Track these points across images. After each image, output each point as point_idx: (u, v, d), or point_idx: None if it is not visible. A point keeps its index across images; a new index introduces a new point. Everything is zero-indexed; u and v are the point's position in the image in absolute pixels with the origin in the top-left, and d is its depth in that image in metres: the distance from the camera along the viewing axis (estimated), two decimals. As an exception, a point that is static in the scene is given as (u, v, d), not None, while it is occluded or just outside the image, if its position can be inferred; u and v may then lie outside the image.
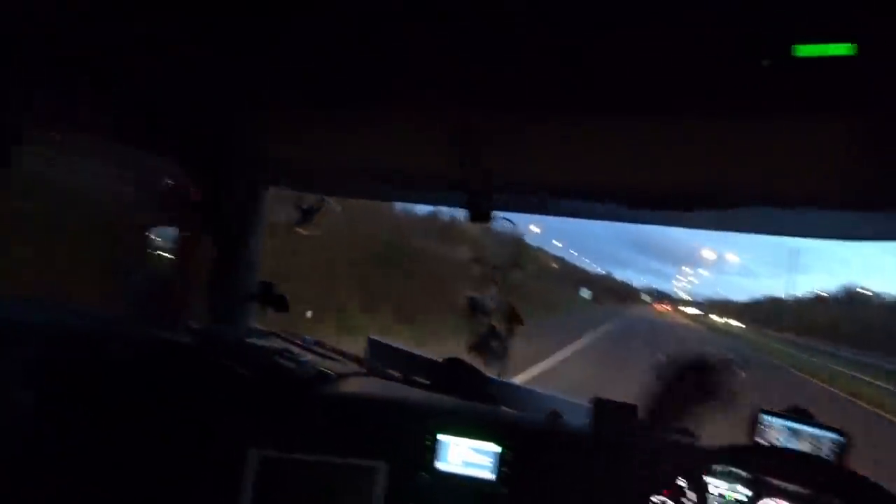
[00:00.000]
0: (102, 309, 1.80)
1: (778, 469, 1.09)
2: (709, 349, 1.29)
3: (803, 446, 1.18)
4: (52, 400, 1.21)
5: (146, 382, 1.43)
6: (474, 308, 1.54)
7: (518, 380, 1.63)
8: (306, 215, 1.95)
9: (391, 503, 1.15)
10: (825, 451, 1.16)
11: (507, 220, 1.61)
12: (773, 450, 1.19)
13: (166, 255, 1.88)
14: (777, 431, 1.22)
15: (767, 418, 1.23)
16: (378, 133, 1.28)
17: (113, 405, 1.35)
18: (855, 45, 0.61)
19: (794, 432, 1.20)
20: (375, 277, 9.29)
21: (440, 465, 1.24)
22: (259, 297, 1.78)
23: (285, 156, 1.70)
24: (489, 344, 1.55)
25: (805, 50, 0.63)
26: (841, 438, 1.16)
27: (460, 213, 1.46)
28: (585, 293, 35.64)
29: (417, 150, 1.38)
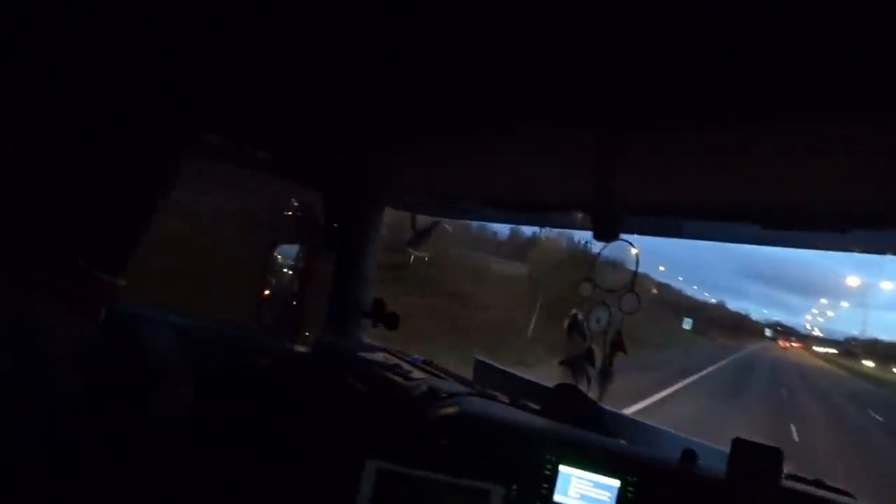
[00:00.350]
0: (235, 320, 1.97)
1: None
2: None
3: None
4: (201, 398, 1.33)
5: (273, 391, 1.53)
6: (574, 328, 1.49)
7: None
8: (420, 236, 2.02)
9: None
10: None
11: (627, 241, 1.54)
12: None
13: (291, 271, 2.03)
14: None
15: None
16: (503, 156, 1.30)
17: (246, 409, 1.46)
18: None
19: None
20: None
21: (558, 497, 1.18)
22: (372, 314, 1.86)
23: (407, 178, 1.78)
24: (582, 367, 1.48)
25: None
26: None
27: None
28: (687, 324, 31.59)
29: (545, 173, 1.37)
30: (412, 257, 2.15)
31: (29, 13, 0.65)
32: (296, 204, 2.22)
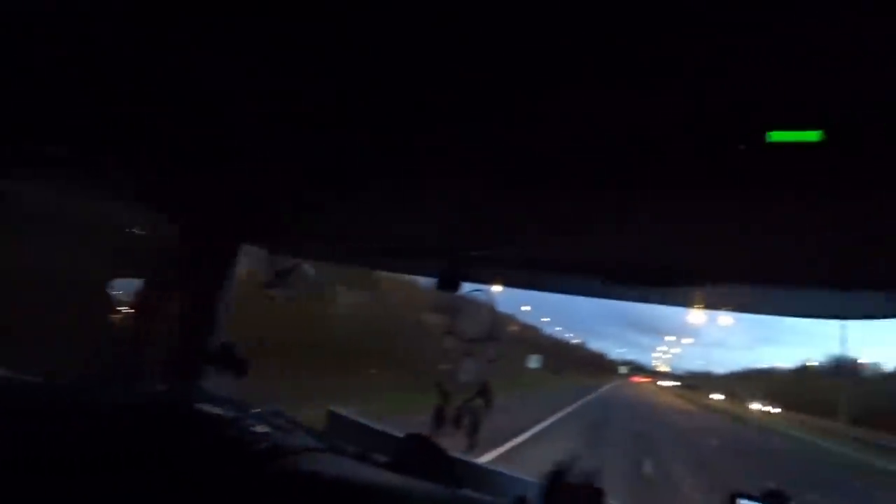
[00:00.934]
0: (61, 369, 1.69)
1: None
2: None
3: None
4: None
5: (85, 445, 1.32)
6: (446, 382, 1.50)
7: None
8: (280, 277, 1.92)
9: None
10: None
11: (481, 290, 1.60)
12: None
13: (128, 310, 1.81)
14: None
15: (744, 502, 1.22)
16: (365, 200, 1.29)
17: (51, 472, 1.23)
18: (823, 131, 0.64)
19: None
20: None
21: None
22: (218, 359, 1.71)
23: (268, 218, 1.69)
24: (462, 420, 1.49)
25: (777, 136, 0.66)
26: None
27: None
28: (535, 361, 28.43)
29: (398, 223, 1.39)
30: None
31: None
32: (142, 233, 2.01)
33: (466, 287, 1.55)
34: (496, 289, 1.64)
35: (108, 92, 0.96)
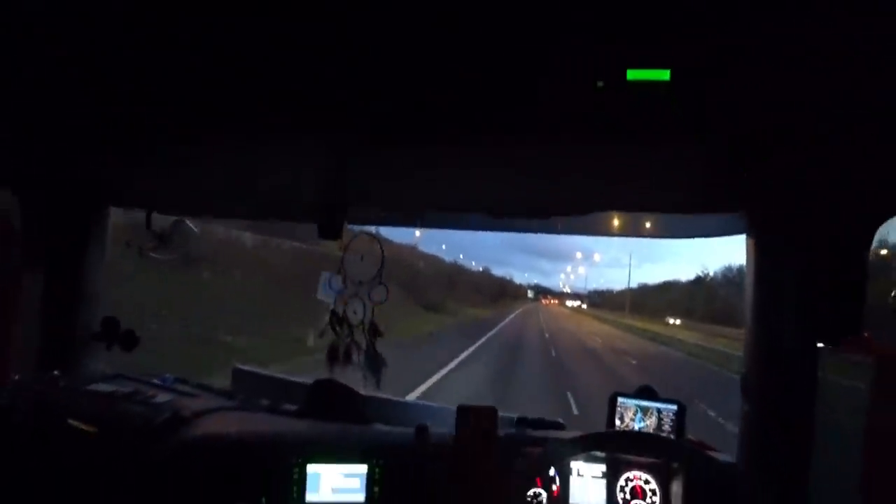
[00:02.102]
0: None
1: (629, 447, 1.25)
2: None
3: (651, 419, 1.38)
4: None
5: None
6: (335, 321, 1.52)
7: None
8: (162, 239, 1.78)
9: None
10: (668, 420, 1.37)
11: (369, 233, 1.60)
12: (620, 433, 1.34)
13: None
14: (630, 411, 1.40)
15: (622, 399, 1.42)
16: (234, 149, 1.20)
17: None
18: (670, 70, 0.71)
19: (644, 409, 1.39)
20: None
21: (310, 497, 1.21)
22: (103, 335, 1.60)
23: (128, 174, 1.53)
24: (349, 357, 1.54)
25: (634, 74, 0.73)
26: (676, 408, 1.38)
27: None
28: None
29: (274, 170, 1.32)
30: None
31: None
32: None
33: (356, 228, 1.55)
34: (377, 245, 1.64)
35: None
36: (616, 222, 1.54)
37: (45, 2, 0.74)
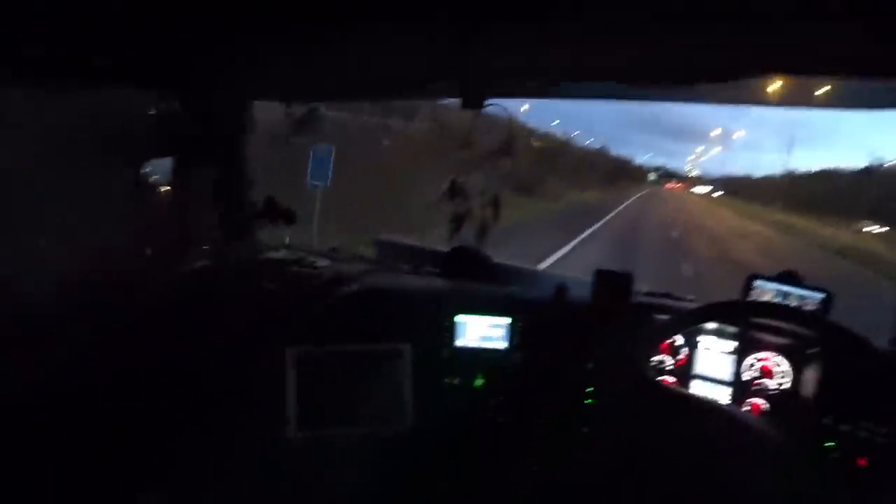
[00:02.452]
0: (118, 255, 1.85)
1: (764, 318, 1.18)
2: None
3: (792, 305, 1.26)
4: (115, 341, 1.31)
5: (185, 312, 1.53)
6: (455, 192, 1.58)
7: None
8: (300, 125, 1.94)
9: (418, 378, 1.29)
10: (811, 309, 1.25)
11: (498, 104, 1.59)
12: (756, 302, 1.27)
13: (167, 188, 1.90)
14: (768, 295, 1.30)
15: (759, 283, 1.31)
16: (370, 35, 1.23)
17: (164, 336, 1.46)
18: None
19: (784, 294, 1.29)
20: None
21: (459, 342, 1.37)
22: (266, 213, 1.83)
23: (273, 67, 1.64)
24: (460, 225, 1.60)
25: None
26: (824, 296, 1.25)
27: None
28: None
29: (413, 47, 1.33)
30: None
31: None
32: (153, 114, 2.00)
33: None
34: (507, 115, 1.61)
35: None
36: (778, 89, 1.33)
37: None
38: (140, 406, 1.35)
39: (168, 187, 1.91)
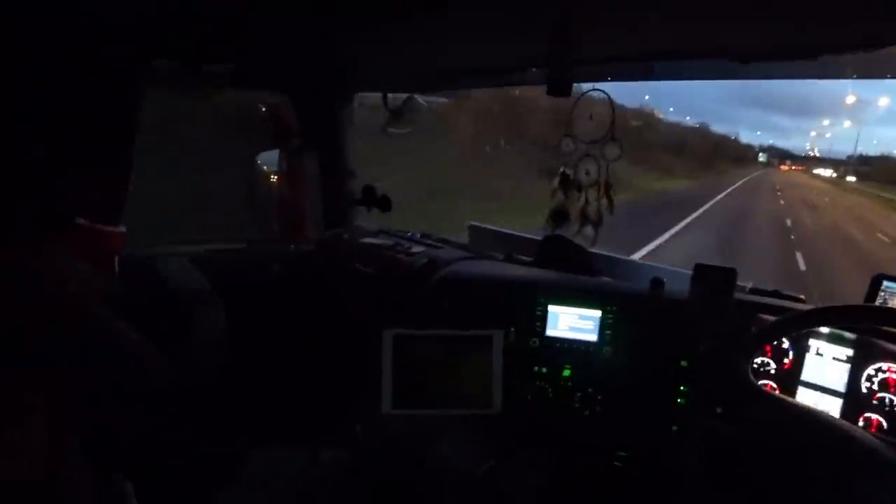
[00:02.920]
0: (235, 237, 2.06)
1: (892, 332, 1.05)
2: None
3: None
4: (232, 314, 1.49)
5: (291, 291, 1.69)
6: (565, 184, 1.56)
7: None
8: (396, 115, 2.02)
9: (508, 365, 1.32)
10: None
11: (600, 90, 1.54)
12: (881, 307, 1.12)
13: (278, 177, 2.08)
14: None
15: (888, 283, 1.18)
16: (460, 19, 1.26)
17: (272, 313, 1.63)
18: None
19: None
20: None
21: (550, 332, 1.37)
22: (364, 200, 1.95)
23: (371, 61, 1.73)
24: (586, 218, 1.57)
25: None
26: None
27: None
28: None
29: (502, 35, 1.34)
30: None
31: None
32: (264, 110, 2.19)
33: (585, 87, 1.51)
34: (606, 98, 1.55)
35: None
36: None
37: None
38: (251, 375, 1.52)
39: (277, 177, 2.09)
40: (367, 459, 1.36)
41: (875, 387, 1.11)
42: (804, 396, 1.17)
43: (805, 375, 1.18)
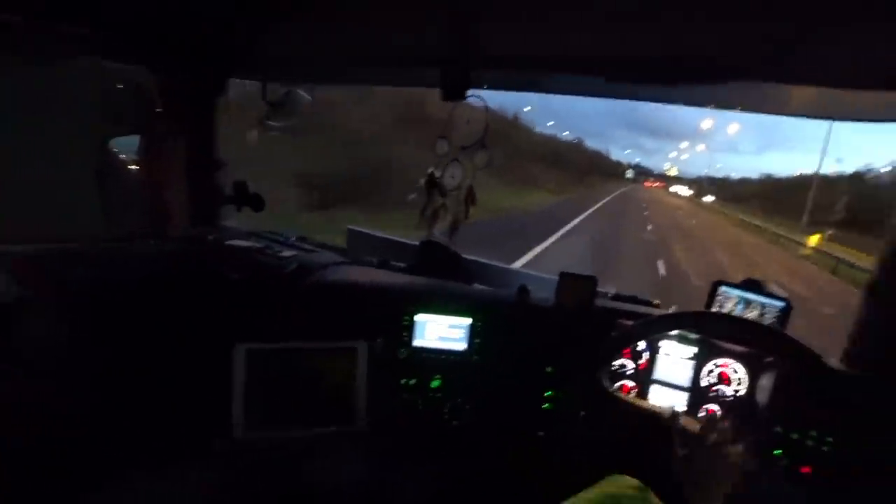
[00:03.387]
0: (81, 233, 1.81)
1: (725, 329, 1.16)
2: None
3: (753, 313, 1.27)
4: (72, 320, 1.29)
5: (143, 294, 1.50)
6: (432, 185, 1.54)
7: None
8: (276, 108, 1.87)
9: (375, 378, 1.27)
10: (771, 317, 1.26)
11: (478, 97, 1.53)
12: (718, 313, 1.25)
13: (136, 165, 1.85)
14: (731, 301, 1.30)
15: (724, 289, 1.31)
16: (353, 9, 1.17)
17: (119, 318, 1.43)
18: None
19: (747, 302, 1.29)
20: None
21: (417, 342, 1.34)
22: (235, 198, 1.79)
23: (251, 45, 1.58)
24: (436, 218, 1.56)
25: None
26: (783, 305, 1.25)
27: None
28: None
29: (397, 27, 1.28)
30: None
31: None
32: (122, 87, 1.94)
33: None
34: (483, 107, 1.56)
35: None
36: (761, 95, 1.28)
37: None
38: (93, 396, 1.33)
39: (135, 166, 1.86)
40: (232, 480, 1.24)
41: (713, 379, 1.25)
42: (657, 393, 1.28)
43: (657, 374, 1.29)
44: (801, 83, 1.11)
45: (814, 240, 18.34)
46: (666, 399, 1.26)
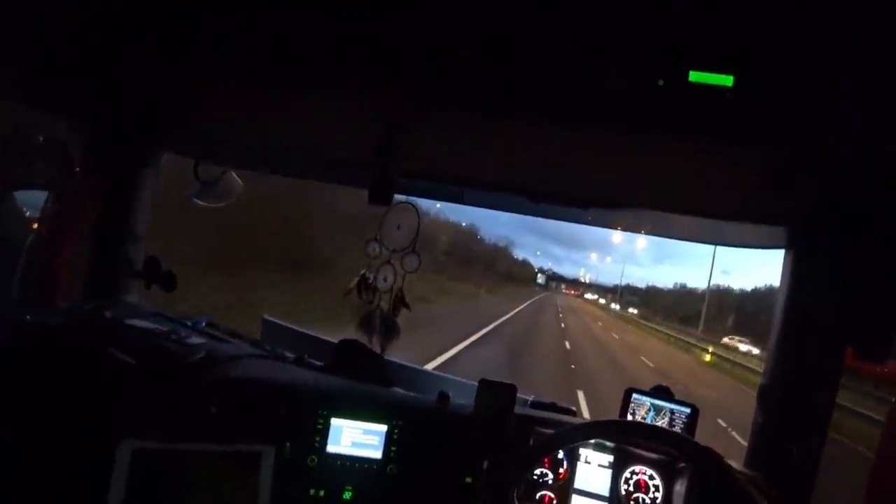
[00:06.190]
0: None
1: (639, 438, 1.22)
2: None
3: (664, 419, 1.37)
4: None
5: (19, 374, 1.31)
6: (363, 287, 1.57)
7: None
8: (206, 187, 1.84)
9: (281, 487, 1.17)
10: (680, 422, 1.37)
11: (411, 203, 1.63)
12: (633, 423, 1.33)
13: (39, 223, 1.70)
14: (644, 408, 1.40)
15: (637, 396, 1.41)
16: (292, 107, 1.23)
17: None
18: (734, 76, 0.71)
19: (658, 408, 1.39)
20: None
21: (331, 448, 1.27)
22: (144, 274, 1.68)
23: (192, 120, 1.56)
24: (372, 323, 1.58)
25: (697, 76, 0.72)
26: (690, 410, 1.37)
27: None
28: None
29: (333, 128, 1.35)
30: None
31: None
32: (41, 139, 1.82)
33: (397, 197, 1.59)
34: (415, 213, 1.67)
35: None
36: (652, 221, 1.54)
37: None
38: None
39: (38, 224, 1.71)
40: None
41: (631, 488, 1.30)
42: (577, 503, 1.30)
43: (577, 483, 1.32)
44: (686, 214, 1.35)
45: (707, 357, 22.41)
46: None
